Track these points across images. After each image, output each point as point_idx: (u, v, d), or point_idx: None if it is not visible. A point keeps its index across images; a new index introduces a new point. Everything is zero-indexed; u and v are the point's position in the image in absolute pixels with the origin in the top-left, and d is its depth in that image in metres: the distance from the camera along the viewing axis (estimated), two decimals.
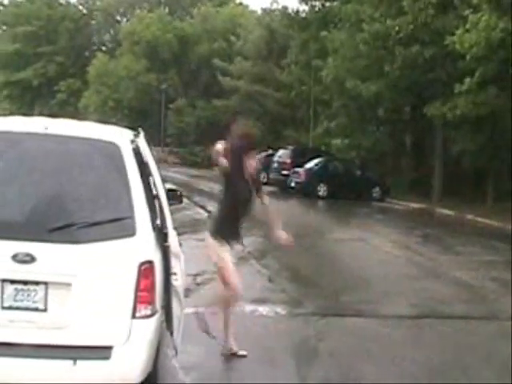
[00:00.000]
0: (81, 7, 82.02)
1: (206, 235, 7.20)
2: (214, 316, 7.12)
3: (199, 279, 10.90)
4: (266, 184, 36.08)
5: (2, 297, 4.75)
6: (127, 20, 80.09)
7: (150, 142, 6.21)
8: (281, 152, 36.26)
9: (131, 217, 4.88)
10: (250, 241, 16.19)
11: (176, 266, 5.58)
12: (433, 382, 6.92)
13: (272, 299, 10.07)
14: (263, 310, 9.36)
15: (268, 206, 7.31)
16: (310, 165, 31.74)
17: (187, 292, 8.05)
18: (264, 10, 57.82)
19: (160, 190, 5.70)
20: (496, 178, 28.58)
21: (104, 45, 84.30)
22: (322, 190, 30.66)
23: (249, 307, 9.38)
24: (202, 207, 23.32)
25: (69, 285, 4.75)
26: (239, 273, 12.25)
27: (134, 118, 56.51)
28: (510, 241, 18.65)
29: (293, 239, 7.28)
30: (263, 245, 15.90)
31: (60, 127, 5.38)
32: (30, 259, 4.71)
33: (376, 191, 31.47)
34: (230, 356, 7.05)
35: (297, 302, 10.18)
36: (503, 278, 12.96)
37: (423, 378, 6.99)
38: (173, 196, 6.84)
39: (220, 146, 6.72)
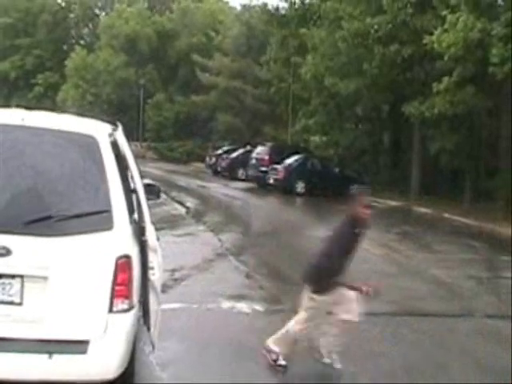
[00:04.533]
0: (59, 0, 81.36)
1: None
2: None
3: (177, 274, 10.86)
4: (243, 180, 36.19)
5: None
6: (106, 14, 79.62)
7: (129, 136, 6.16)
8: (259, 148, 36.24)
9: (109, 210, 4.84)
10: (227, 237, 16.23)
11: (153, 260, 5.55)
12: (409, 379, 6.94)
13: (250, 296, 10.06)
14: (241, 306, 9.34)
15: None
16: (288, 162, 31.72)
17: (164, 287, 8.01)
18: (243, 6, 57.97)
19: (138, 184, 5.65)
20: (473, 177, 28.76)
21: (82, 38, 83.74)
22: (300, 186, 30.64)
23: (226, 304, 9.38)
24: (180, 203, 23.29)
25: (45, 278, 4.70)
26: (217, 269, 12.29)
27: (112, 113, 56.09)
28: (486, 239, 18.79)
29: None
30: (241, 241, 15.91)
31: (37, 119, 5.31)
32: (5, 252, 4.65)
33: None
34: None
35: (275, 298, 10.17)
36: (479, 277, 13.05)
37: (400, 375, 7.01)
38: (151, 191, 6.80)
39: None
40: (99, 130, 5.26)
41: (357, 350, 7.76)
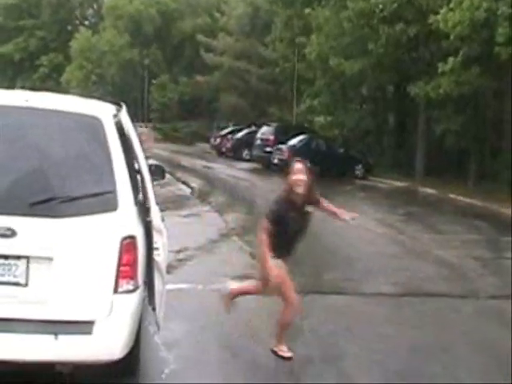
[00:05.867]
0: None
1: None
2: None
3: (181, 255, 10.88)
4: (248, 161, 36.16)
5: None
6: None
7: (133, 117, 6.14)
8: (264, 129, 36.16)
9: (113, 191, 4.84)
10: (232, 217, 16.25)
11: (158, 241, 5.56)
12: (412, 359, 6.96)
13: (254, 276, 10.05)
14: None
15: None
16: (293, 142, 31.66)
17: (169, 268, 8.02)
18: None
19: (142, 164, 5.65)
20: (478, 158, 28.69)
21: (86, 19, 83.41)
22: None
23: (231, 284, 9.36)
24: (185, 183, 23.30)
25: (50, 259, 4.71)
26: (221, 250, 12.32)
27: (116, 94, 56.03)
28: (491, 220, 18.78)
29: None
30: (246, 221, 15.91)
31: (41, 100, 5.30)
32: (10, 233, 4.66)
33: (359, 169, 31.49)
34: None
35: None
36: (484, 257, 13.05)
37: (404, 356, 7.03)
38: (155, 172, 6.80)
39: None
40: (103, 111, 5.25)
41: (361, 331, 7.78)
